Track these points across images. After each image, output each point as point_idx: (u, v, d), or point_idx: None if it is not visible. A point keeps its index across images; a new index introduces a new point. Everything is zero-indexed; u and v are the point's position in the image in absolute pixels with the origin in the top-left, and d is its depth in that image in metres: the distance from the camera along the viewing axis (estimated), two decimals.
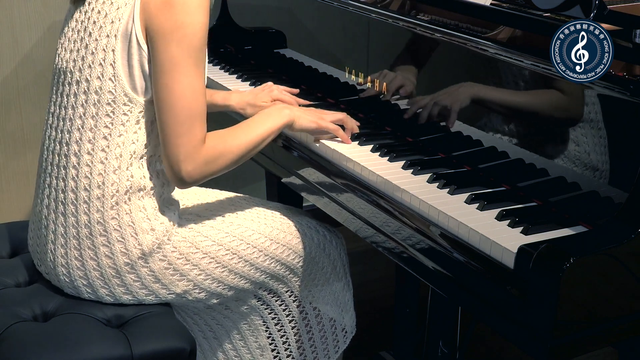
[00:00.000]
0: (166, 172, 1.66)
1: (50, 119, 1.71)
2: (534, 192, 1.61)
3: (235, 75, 2.42)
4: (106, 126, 1.64)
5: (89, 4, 1.65)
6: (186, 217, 1.77)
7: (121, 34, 1.61)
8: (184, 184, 1.65)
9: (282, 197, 2.61)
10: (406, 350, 2.33)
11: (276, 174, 2.08)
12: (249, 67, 2.50)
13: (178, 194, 1.83)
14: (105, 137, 1.64)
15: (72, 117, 1.66)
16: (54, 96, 1.71)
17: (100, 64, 1.62)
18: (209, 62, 2.55)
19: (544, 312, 1.31)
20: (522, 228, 1.47)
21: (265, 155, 2.06)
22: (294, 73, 2.36)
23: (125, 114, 1.63)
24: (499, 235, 1.45)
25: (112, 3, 1.62)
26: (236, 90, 2.12)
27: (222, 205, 1.88)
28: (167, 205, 1.73)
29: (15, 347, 1.55)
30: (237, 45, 2.65)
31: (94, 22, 1.63)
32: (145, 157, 1.67)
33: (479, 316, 1.49)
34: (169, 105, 1.59)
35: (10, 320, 1.62)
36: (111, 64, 1.62)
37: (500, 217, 1.51)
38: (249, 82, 2.35)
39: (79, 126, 1.65)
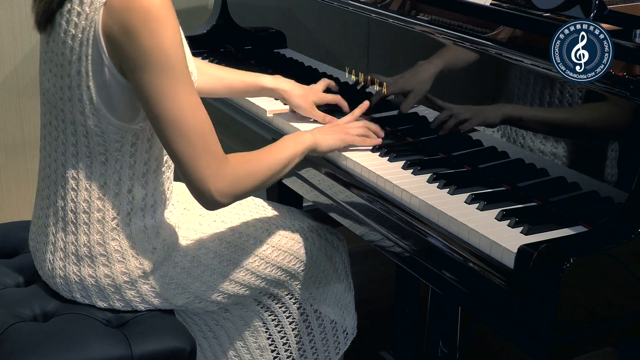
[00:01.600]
0: (196, 199, 1.58)
1: (44, 130, 1.66)
2: (534, 192, 1.61)
3: None
4: (101, 153, 1.58)
5: (55, 29, 1.55)
6: (187, 227, 1.74)
7: (92, 70, 1.52)
8: (217, 204, 1.57)
9: (282, 196, 2.61)
10: (406, 350, 2.33)
11: None
12: (249, 67, 2.49)
13: (180, 198, 1.83)
14: (102, 163, 1.59)
15: (64, 142, 1.61)
16: (45, 107, 1.65)
17: (79, 99, 1.54)
18: (209, 63, 2.56)
19: (544, 312, 1.31)
20: (522, 228, 1.47)
21: None
22: (294, 73, 2.36)
23: (117, 141, 1.57)
24: (499, 236, 1.45)
25: (73, 37, 1.52)
26: (283, 78, 2.07)
27: (223, 210, 1.86)
28: (169, 221, 1.70)
29: (16, 347, 1.55)
30: (237, 45, 2.65)
31: (62, 54, 1.54)
32: (148, 174, 1.63)
33: (479, 316, 1.49)
34: (173, 132, 1.50)
35: (10, 320, 1.62)
36: (89, 100, 1.54)
37: (500, 217, 1.51)
38: None
39: (74, 152, 1.60)
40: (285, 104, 2.10)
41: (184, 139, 1.50)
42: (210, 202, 1.56)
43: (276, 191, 2.65)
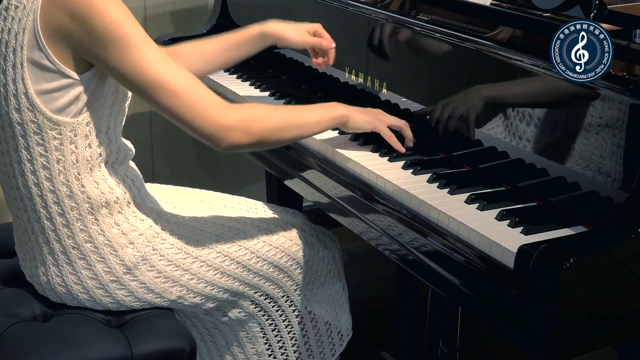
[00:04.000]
0: (211, 146, 1.56)
1: None
2: (534, 192, 1.61)
3: (235, 75, 2.42)
4: (41, 155, 1.56)
5: None
6: (174, 221, 1.73)
7: (27, 60, 1.52)
8: (230, 142, 1.55)
9: (283, 197, 2.61)
10: (406, 350, 2.33)
11: (278, 175, 2.08)
12: (249, 67, 2.49)
13: (161, 197, 1.82)
14: (44, 166, 1.57)
15: (8, 150, 1.59)
16: None
17: (14, 94, 1.54)
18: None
19: (543, 312, 1.31)
20: (522, 228, 1.47)
21: (264, 156, 2.06)
22: (294, 73, 2.36)
23: (55, 138, 1.56)
24: (499, 235, 1.45)
25: (9, 30, 1.53)
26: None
27: (213, 207, 1.86)
28: (144, 213, 1.69)
29: (15, 347, 1.55)
30: None
31: None
32: (95, 169, 1.61)
33: (479, 316, 1.49)
34: (159, 95, 1.51)
35: (10, 320, 1.62)
36: (24, 94, 1.53)
37: (500, 217, 1.51)
38: (249, 82, 2.35)
39: (17, 160, 1.58)
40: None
41: (171, 96, 1.51)
42: (222, 141, 1.55)
43: (276, 192, 2.65)
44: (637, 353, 1.61)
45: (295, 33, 1.96)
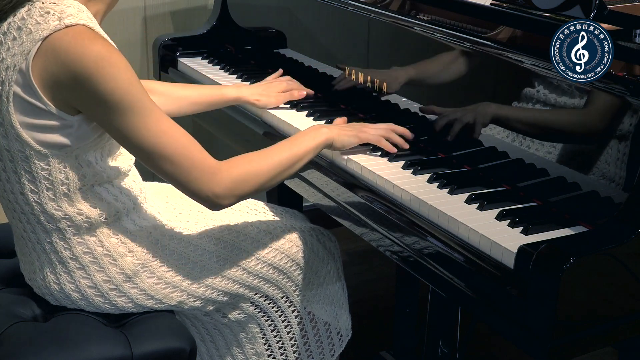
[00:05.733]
0: (204, 205, 1.58)
1: None
2: (534, 192, 1.61)
3: (235, 75, 2.42)
4: (30, 181, 1.54)
5: None
6: (174, 226, 1.73)
7: (13, 95, 1.47)
8: (221, 207, 1.58)
9: (283, 197, 2.61)
10: (406, 350, 2.33)
11: None
12: (249, 67, 2.50)
13: (161, 197, 1.82)
14: (32, 191, 1.54)
15: None
16: None
17: (0, 123, 1.50)
18: (209, 62, 2.57)
19: (543, 312, 1.31)
20: (522, 228, 1.47)
21: None
22: (294, 73, 2.36)
23: (44, 169, 1.53)
24: (499, 235, 1.45)
25: (2, 60, 1.48)
26: (245, 85, 2.15)
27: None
28: (144, 220, 1.68)
29: (16, 347, 1.55)
30: (237, 45, 2.65)
31: None
32: (89, 192, 1.58)
33: (479, 316, 1.49)
34: (155, 160, 1.51)
35: (10, 320, 1.62)
36: (10, 125, 1.49)
37: (500, 217, 1.51)
38: (249, 82, 2.35)
39: (6, 179, 1.56)
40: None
41: (168, 162, 1.51)
42: (214, 206, 1.58)
43: (276, 192, 2.65)
44: (637, 353, 1.61)
45: (267, 98, 2.09)
